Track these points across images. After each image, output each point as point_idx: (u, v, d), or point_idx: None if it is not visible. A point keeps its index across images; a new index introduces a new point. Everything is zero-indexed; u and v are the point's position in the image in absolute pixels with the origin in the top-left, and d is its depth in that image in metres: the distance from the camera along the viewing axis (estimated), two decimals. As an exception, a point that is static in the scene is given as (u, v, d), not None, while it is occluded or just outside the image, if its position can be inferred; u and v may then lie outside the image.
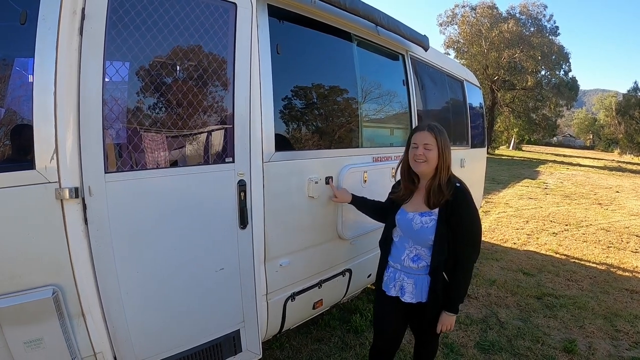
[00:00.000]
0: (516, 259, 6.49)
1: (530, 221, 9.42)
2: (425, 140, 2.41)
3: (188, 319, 2.32)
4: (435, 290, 2.41)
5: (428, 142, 2.40)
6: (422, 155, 2.40)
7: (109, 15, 1.88)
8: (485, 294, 4.98)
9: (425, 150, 2.40)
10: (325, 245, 3.16)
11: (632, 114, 42.50)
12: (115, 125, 2.01)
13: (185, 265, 2.25)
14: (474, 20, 36.36)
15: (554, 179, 19.20)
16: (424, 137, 2.42)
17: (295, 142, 2.95)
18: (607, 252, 7.19)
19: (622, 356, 3.77)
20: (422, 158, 2.41)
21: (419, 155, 2.42)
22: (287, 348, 3.58)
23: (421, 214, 2.44)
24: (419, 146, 2.43)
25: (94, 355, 2.04)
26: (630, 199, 14.07)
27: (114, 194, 1.94)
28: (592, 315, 4.57)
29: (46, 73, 1.74)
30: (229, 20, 2.31)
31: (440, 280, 2.42)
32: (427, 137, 2.41)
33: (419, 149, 2.42)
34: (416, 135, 2.47)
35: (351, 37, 3.39)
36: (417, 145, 2.44)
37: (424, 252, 2.45)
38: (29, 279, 1.78)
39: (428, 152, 2.40)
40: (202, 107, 2.28)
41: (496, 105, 38.17)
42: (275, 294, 2.82)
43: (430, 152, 2.40)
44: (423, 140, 2.42)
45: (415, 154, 2.44)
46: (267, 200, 2.61)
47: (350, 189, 3.10)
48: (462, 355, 3.63)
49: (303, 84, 3.03)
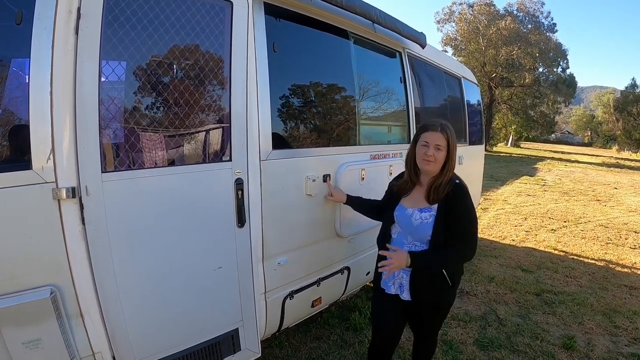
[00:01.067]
0: (515, 256, 6.49)
1: (528, 218, 9.43)
2: (437, 141, 2.37)
3: (186, 318, 2.32)
4: (433, 285, 2.41)
5: (440, 143, 2.36)
6: (432, 156, 2.36)
7: (105, 15, 1.87)
8: (484, 291, 4.99)
9: (435, 151, 2.36)
10: (323, 243, 3.16)
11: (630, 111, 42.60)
12: (112, 125, 2.00)
13: (183, 264, 2.25)
14: (472, 17, 36.35)
15: (552, 176, 19.21)
16: (436, 138, 2.37)
17: (293, 140, 2.95)
18: (605, 248, 7.20)
19: (621, 352, 3.77)
20: (432, 159, 2.37)
21: (429, 155, 2.37)
22: (286, 346, 3.58)
23: (420, 210, 2.43)
24: (430, 146, 2.37)
25: (92, 355, 2.03)
26: (628, 195, 14.08)
27: (111, 193, 1.93)
28: (591, 312, 4.57)
29: (42, 73, 1.73)
30: (225, 18, 2.30)
31: (439, 276, 2.42)
32: (439, 138, 2.37)
33: (430, 149, 2.37)
34: (428, 135, 2.41)
35: (348, 34, 3.39)
36: (428, 144, 2.38)
37: (422, 249, 2.44)
38: (26, 280, 1.78)
39: (438, 153, 2.37)
40: (199, 105, 2.27)
41: (494, 103, 38.20)
42: (273, 292, 2.83)
43: (440, 153, 2.37)
44: (435, 141, 2.37)
45: (425, 153, 2.38)
46: (264, 199, 2.61)
47: (348, 186, 3.11)
48: (461, 352, 3.63)
49: (300, 82, 3.03)
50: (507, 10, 36.90)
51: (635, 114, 42.25)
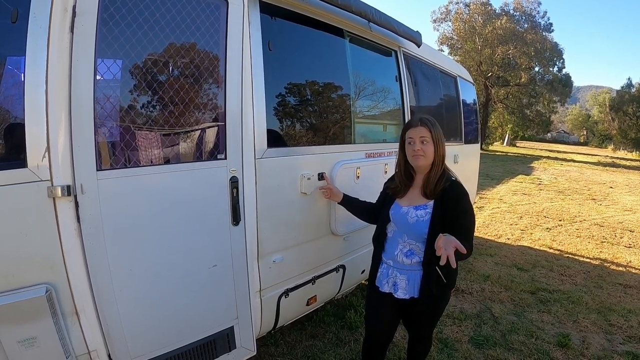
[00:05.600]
0: (510, 254, 6.52)
1: (524, 217, 9.46)
2: (421, 134, 2.41)
3: (181, 316, 2.32)
4: (428, 284, 2.41)
5: (424, 135, 2.40)
6: (420, 150, 2.40)
7: (100, 13, 1.87)
8: (479, 289, 5.00)
9: (422, 145, 2.40)
10: (318, 241, 3.17)
11: (626, 110, 42.70)
12: (107, 123, 1.99)
13: (178, 262, 2.25)
14: (468, 16, 36.38)
15: (548, 175, 19.25)
16: (418, 132, 2.42)
17: (288, 138, 2.95)
18: (600, 247, 7.23)
19: (616, 350, 3.79)
20: (421, 152, 2.40)
21: (417, 150, 2.41)
22: (281, 344, 3.58)
23: (416, 208, 2.44)
24: (415, 141, 2.42)
25: (88, 354, 2.04)
26: (623, 194, 14.14)
27: (106, 191, 1.94)
28: (586, 310, 4.60)
29: (37, 71, 1.73)
30: (220, 17, 2.30)
31: (434, 274, 2.40)
32: (421, 131, 2.41)
33: (416, 144, 2.41)
34: (410, 131, 2.46)
35: (343, 33, 3.39)
36: (414, 139, 2.43)
37: (417, 247, 2.45)
38: (21, 278, 1.78)
39: (425, 146, 2.40)
40: (194, 104, 2.27)
41: (490, 102, 38.21)
42: (268, 290, 2.83)
43: (427, 146, 2.40)
44: (418, 134, 2.41)
45: (413, 149, 2.42)
46: (259, 197, 2.61)
47: (343, 184, 3.11)
48: (456, 350, 3.65)
49: (295, 81, 3.03)
50: (503, 9, 36.90)
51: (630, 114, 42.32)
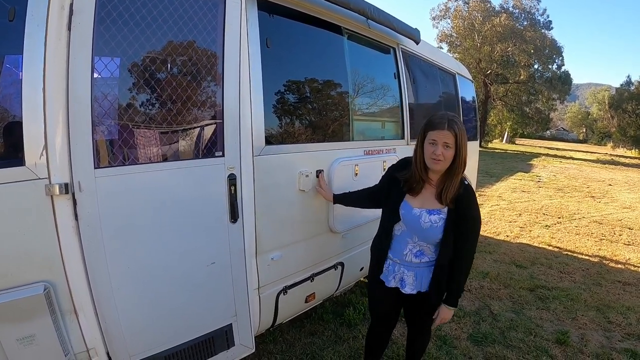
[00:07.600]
0: (509, 252, 6.53)
1: (523, 214, 9.47)
2: (445, 139, 2.25)
3: (180, 313, 2.33)
4: (439, 283, 2.44)
5: (448, 141, 2.25)
6: (440, 155, 2.26)
7: (97, 10, 1.87)
8: (478, 287, 5.02)
9: (444, 150, 2.26)
10: (316, 238, 3.17)
11: (625, 108, 42.64)
12: (105, 121, 1.99)
13: (176, 260, 2.25)
14: (467, 14, 36.33)
15: (547, 172, 19.26)
16: (443, 136, 2.25)
17: (286, 136, 2.94)
18: (599, 244, 7.25)
19: (615, 347, 3.80)
20: (441, 157, 2.26)
21: (438, 154, 2.26)
22: (280, 342, 3.59)
23: (429, 212, 2.38)
24: (438, 144, 2.26)
25: (86, 352, 2.04)
26: (622, 191, 14.16)
27: (104, 189, 1.94)
28: (585, 307, 4.61)
29: (35, 69, 1.73)
30: (217, 14, 2.30)
31: (445, 274, 2.44)
32: (447, 136, 2.25)
33: (438, 148, 2.26)
34: (435, 133, 2.28)
35: (342, 30, 3.38)
36: (436, 142, 2.27)
37: (428, 249, 2.46)
38: (20, 276, 1.78)
39: (446, 151, 2.26)
40: (192, 101, 2.27)
41: (489, 99, 38.19)
42: (267, 287, 2.83)
43: (448, 151, 2.26)
44: (443, 139, 2.25)
45: (434, 152, 2.27)
46: (257, 194, 2.61)
47: (341, 182, 3.12)
48: (455, 347, 3.65)
49: (293, 78, 3.02)
50: (502, 7, 36.84)
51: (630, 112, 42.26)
